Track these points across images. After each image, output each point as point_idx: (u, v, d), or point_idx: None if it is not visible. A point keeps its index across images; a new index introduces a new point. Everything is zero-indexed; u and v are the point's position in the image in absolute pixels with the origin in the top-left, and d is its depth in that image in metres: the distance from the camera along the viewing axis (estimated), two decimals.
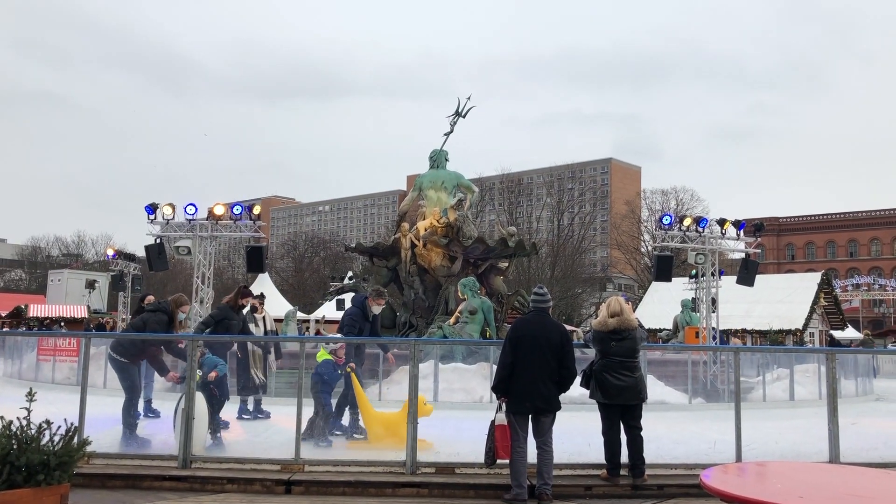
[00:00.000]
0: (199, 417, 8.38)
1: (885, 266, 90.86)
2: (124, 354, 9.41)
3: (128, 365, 9.38)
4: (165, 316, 9.74)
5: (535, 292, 7.96)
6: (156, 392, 10.93)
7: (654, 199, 78.53)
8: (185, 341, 9.14)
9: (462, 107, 23.02)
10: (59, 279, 62.41)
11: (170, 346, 9.50)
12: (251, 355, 11.64)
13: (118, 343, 9.73)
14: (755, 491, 4.29)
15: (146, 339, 9.48)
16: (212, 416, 9.02)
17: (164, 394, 10.82)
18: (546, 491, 7.33)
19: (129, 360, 9.40)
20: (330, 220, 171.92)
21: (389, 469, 8.08)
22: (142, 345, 9.48)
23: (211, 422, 9.00)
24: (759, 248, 23.24)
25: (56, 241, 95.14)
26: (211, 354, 9.53)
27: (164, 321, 9.70)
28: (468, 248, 20.19)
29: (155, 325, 9.58)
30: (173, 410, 8.69)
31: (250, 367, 11.60)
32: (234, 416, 10.86)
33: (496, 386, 7.56)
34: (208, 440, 8.88)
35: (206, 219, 18.38)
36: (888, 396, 18.85)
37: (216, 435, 9.20)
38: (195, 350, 8.62)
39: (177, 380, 9.24)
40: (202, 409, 8.61)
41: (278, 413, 11.12)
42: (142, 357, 9.57)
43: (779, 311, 40.29)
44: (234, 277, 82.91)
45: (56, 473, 5.49)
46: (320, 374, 9.52)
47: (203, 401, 8.72)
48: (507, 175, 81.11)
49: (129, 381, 9.39)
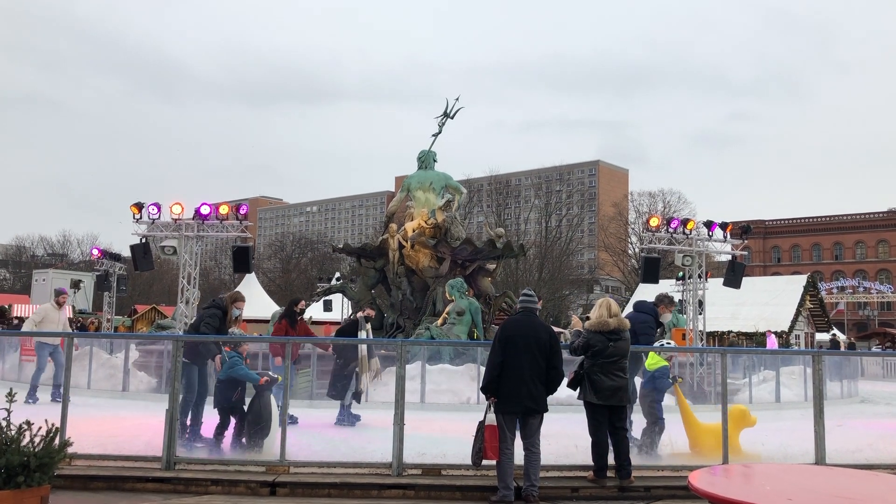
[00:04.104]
0: (273, 418, 8.63)
1: (869, 269, 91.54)
2: (190, 356, 9.43)
3: (186, 364, 9.35)
4: (220, 311, 9.85)
5: (524, 293, 8.01)
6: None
7: (641, 202, 78.87)
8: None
9: (450, 108, 22.98)
10: (43, 279, 61.91)
11: (207, 346, 9.49)
12: (360, 360, 11.77)
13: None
14: (742, 493, 4.27)
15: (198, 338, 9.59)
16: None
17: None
18: (533, 492, 7.30)
19: (188, 360, 9.38)
20: (318, 220, 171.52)
21: (375, 471, 8.02)
22: (195, 344, 9.52)
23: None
24: (745, 251, 23.33)
25: (41, 240, 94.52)
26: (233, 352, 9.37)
27: (218, 316, 9.79)
28: (456, 250, 20.15)
29: (209, 321, 9.68)
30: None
31: (360, 371, 11.75)
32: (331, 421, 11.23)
33: (486, 386, 7.53)
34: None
35: (192, 218, 18.25)
36: (873, 398, 18.97)
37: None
38: (179, 350, 8.54)
39: (219, 367, 9.25)
40: (274, 410, 8.73)
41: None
42: (200, 357, 9.55)
43: (765, 314, 40.51)
44: (221, 278, 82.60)
45: (36, 475, 5.42)
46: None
47: (273, 402, 8.81)
48: (496, 177, 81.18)
49: (186, 380, 9.36)
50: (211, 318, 9.70)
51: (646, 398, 9.25)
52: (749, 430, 9.23)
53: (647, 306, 9.99)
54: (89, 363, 16.44)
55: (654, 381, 9.19)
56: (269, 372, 9.33)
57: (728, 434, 8.51)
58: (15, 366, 18.06)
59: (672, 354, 9.51)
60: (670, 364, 9.57)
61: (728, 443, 8.45)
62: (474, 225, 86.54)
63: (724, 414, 8.51)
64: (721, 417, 8.54)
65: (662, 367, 9.28)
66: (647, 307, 9.96)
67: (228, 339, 9.63)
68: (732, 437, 8.72)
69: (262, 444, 8.64)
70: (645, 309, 9.92)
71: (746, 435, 9.07)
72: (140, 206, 18.36)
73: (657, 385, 9.25)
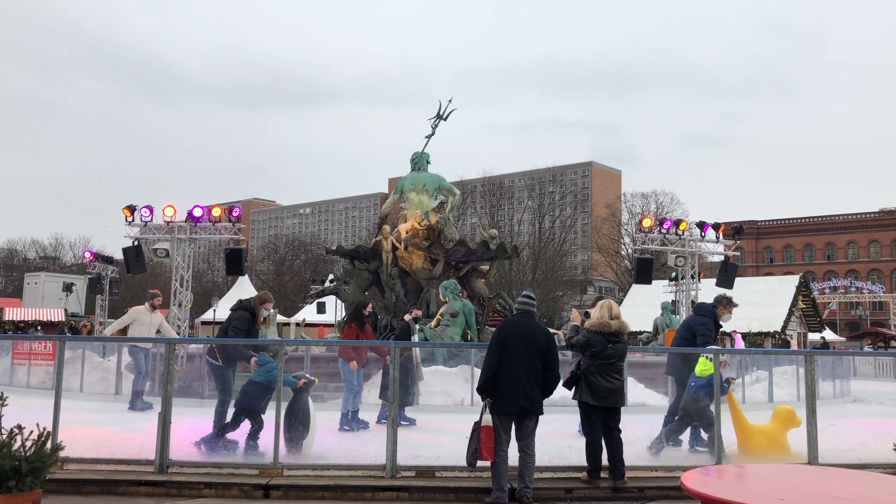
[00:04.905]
0: (312, 419, 8.77)
1: (861, 269, 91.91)
2: (218, 358, 9.40)
3: (222, 368, 9.31)
4: (248, 313, 9.75)
5: (524, 295, 8.02)
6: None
7: (634, 203, 79.01)
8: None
9: (443, 109, 22.95)
10: (35, 282, 61.75)
11: (238, 348, 9.44)
12: (416, 365, 11.86)
13: (212, 348, 9.76)
14: (736, 493, 4.28)
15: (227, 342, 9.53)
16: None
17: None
18: (527, 494, 7.30)
19: (223, 363, 9.36)
20: (311, 222, 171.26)
21: (369, 473, 8.01)
22: (226, 347, 9.48)
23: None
24: (737, 251, 23.37)
25: (33, 243, 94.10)
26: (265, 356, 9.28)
27: (246, 318, 9.70)
28: (449, 251, 20.15)
29: (236, 324, 9.59)
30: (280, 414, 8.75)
31: (416, 375, 11.85)
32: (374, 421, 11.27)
33: (482, 386, 7.53)
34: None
35: (184, 221, 18.20)
36: (865, 398, 19.03)
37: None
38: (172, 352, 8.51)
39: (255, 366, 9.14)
40: (312, 411, 8.81)
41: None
42: (233, 360, 9.50)
43: (758, 314, 40.61)
44: (214, 280, 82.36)
45: (28, 479, 5.41)
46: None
47: (311, 403, 8.85)
48: (489, 178, 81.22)
49: (222, 384, 9.35)
50: (239, 321, 9.61)
51: (698, 402, 9.13)
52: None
53: (705, 308, 10.04)
54: (82, 366, 16.37)
55: (709, 387, 9.02)
56: (305, 374, 9.29)
57: (776, 435, 8.68)
58: (7, 370, 17.97)
59: (724, 359, 9.46)
60: (724, 367, 9.48)
61: (774, 443, 8.67)
62: (468, 226, 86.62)
63: (718, 414, 8.53)
64: (729, 417, 8.60)
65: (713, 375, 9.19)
66: (705, 309, 10.00)
67: (251, 343, 9.44)
68: (781, 438, 8.83)
69: (302, 445, 8.67)
70: (703, 311, 9.97)
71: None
72: (132, 209, 18.31)
73: (712, 391, 9.09)
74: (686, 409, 9.19)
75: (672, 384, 11.45)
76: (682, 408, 9.31)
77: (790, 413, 9.20)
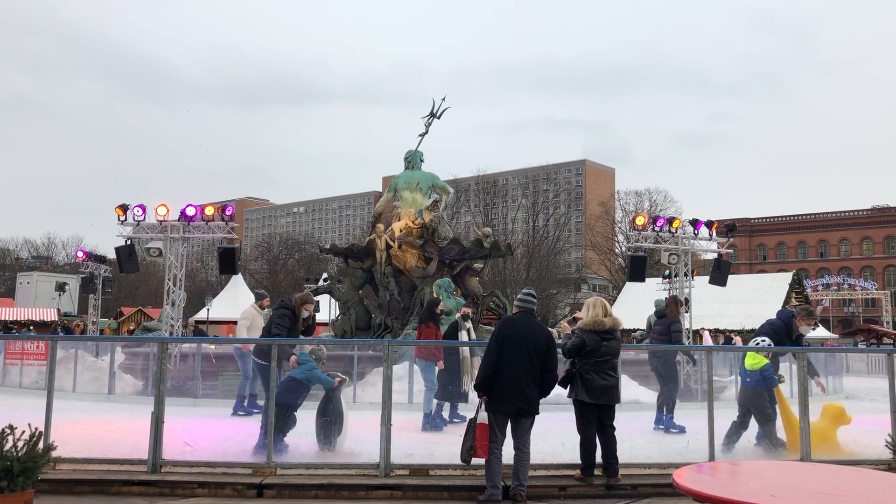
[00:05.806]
0: (345, 417, 8.84)
1: (854, 266, 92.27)
2: (264, 358, 9.46)
3: (262, 367, 9.30)
4: (289, 311, 9.90)
5: (525, 293, 8.03)
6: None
7: (627, 201, 79.24)
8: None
9: (437, 107, 22.93)
10: (28, 281, 61.54)
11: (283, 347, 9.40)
12: (463, 361, 11.81)
13: (258, 348, 9.86)
14: (728, 490, 4.29)
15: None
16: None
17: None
18: (521, 492, 7.31)
19: (264, 361, 9.39)
20: (305, 221, 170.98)
21: (363, 472, 8.01)
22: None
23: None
24: (731, 249, 23.44)
25: (25, 243, 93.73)
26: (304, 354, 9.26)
27: (288, 317, 9.84)
28: (443, 250, 20.15)
29: (279, 322, 9.72)
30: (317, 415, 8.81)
31: (462, 373, 11.78)
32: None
33: (479, 384, 7.53)
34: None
35: (177, 220, 18.13)
36: (857, 394, 19.09)
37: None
38: (166, 352, 8.49)
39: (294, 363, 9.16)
40: (345, 408, 8.89)
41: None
42: (279, 360, 9.47)
43: (751, 311, 40.68)
44: (208, 279, 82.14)
45: (20, 479, 5.39)
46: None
47: (343, 402, 8.94)
48: (483, 176, 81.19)
49: (264, 382, 9.40)
50: (281, 319, 9.78)
51: (757, 398, 9.15)
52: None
53: (785, 313, 10.09)
54: (74, 366, 16.33)
55: (765, 381, 9.06)
56: (338, 374, 9.30)
57: (826, 432, 8.70)
58: None
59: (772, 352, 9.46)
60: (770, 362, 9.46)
61: (824, 440, 8.65)
62: (462, 224, 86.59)
63: (711, 412, 8.54)
64: (707, 416, 8.58)
65: (767, 365, 9.21)
66: (784, 314, 10.03)
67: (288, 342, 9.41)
68: (831, 435, 8.84)
69: (335, 441, 8.73)
70: (782, 316, 10.00)
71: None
72: (125, 208, 18.22)
73: (769, 384, 9.14)
74: (744, 404, 9.25)
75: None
76: (739, 403, 9.40)
77: (840, 411, 9.21)
